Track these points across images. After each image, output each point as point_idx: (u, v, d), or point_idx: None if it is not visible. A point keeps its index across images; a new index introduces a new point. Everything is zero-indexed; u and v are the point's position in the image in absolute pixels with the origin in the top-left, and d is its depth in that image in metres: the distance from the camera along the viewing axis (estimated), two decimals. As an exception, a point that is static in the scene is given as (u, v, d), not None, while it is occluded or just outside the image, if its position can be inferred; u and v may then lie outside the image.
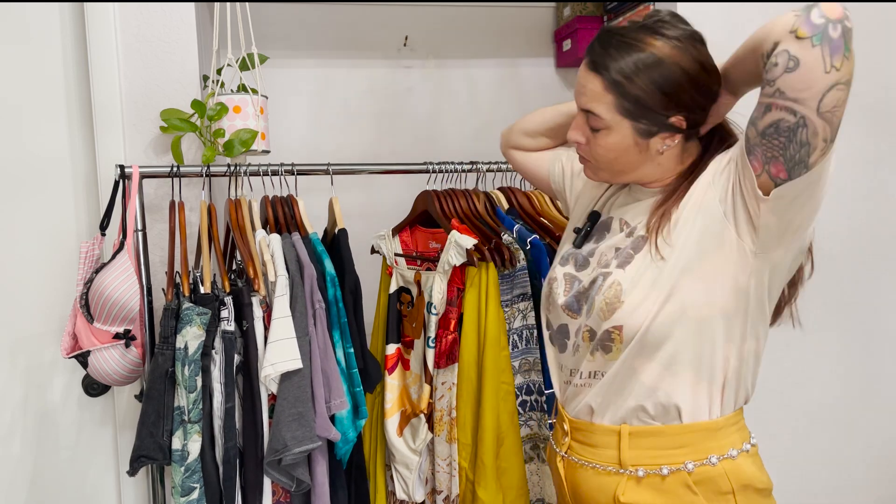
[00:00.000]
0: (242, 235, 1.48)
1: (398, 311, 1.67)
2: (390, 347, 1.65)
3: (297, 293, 1.38)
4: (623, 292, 1.06)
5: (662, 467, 1.07)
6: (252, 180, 1.61)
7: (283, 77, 2.10)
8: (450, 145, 2.24)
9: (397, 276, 1.68)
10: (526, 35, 2.31)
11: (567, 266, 1.20)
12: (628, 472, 1.09)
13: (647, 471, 1.08)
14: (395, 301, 1.68)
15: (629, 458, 1.09)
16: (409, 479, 1.57)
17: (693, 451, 1.07)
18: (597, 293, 1.10)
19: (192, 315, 1.33)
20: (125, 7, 1.67)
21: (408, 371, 1.64)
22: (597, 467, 1.13)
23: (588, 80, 1.07)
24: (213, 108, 1.57)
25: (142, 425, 1.34)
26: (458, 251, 1.51)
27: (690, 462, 1.06)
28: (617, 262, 1.10)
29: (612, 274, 1.09)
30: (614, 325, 1.07)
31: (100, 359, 1.43)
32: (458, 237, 1.52)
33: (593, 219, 1.23)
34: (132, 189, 1.49)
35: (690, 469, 1.06)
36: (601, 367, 1.12)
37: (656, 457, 1.08)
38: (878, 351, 2.01)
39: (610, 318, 1.07)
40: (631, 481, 1.09)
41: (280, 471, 1.34)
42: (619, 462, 1.10)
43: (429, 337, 1.55)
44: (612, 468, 1.10)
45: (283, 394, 1.32)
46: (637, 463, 1.09)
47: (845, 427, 1.99)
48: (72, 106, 1.75)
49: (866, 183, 1.96)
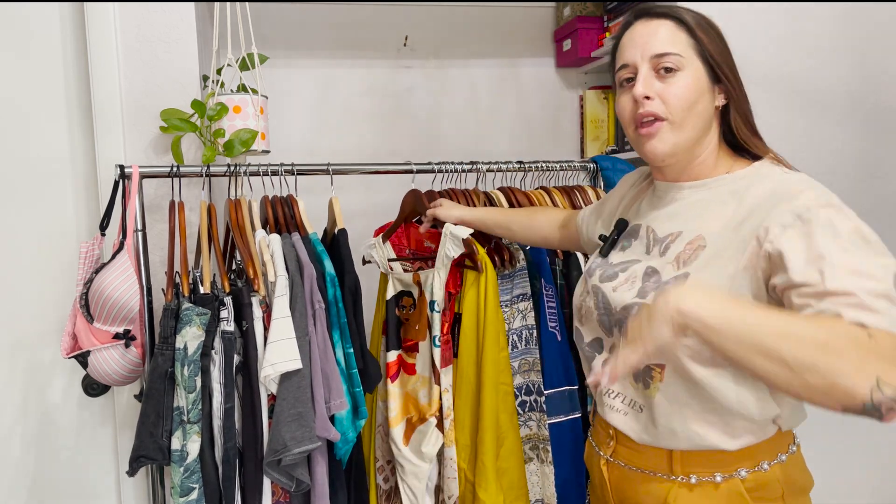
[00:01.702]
0: (242, 235, 1.47)
1: (397, 317, 1.64)
2: (391, 354, 1.62)
3: (297, 293, 1.38)
4: None
5: (716, 475, 1.04)
6: (252, 180, 1.61)
7: (283, 77, 2.10)
8: (450, 145, 2.24)
9: (394, 282, 1.65)
10: (526, 35, 2.31)
11: (593, 278, 1.17)
12: (680, 479, 1.06)
13: (700, 478, 1.05)
14: (394, 306, 1.64)
15: (681, 470, 1.06)
16: (417, 490, 1.52)
17: (746, 460, 1.05)
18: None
19: (192, 315, 1.33)
20: (125, 7, 1.67)
21: (412, 376, 1.59)
22: (646, 473, 1.09)
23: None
24: (213, 108, 1.57)
25: (141, 425, 1.34)
26: (454, 242, 1.49)
27: (744, 469, 1.04)
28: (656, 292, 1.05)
29: None
30: (657, 361, 1.04)
31: (100, 359, 1.43)
32: (452, 229, 1.50)
33: (620, 227, 1.20)
34: (132, 189, 1.49)
35: (744, 476, 1.04)
36: (642, 399, 1.09)
37: (711, 467, 1.05)
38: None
39: None
40: (683, 488, 1.06)
41: (280, 471, 1.34)
42: (671, 470, 1.07)
43: (434, 336, 1.53)
44: (663, 475, 1.08)
45: (282, 394, 1.32)
46: (689, 471, 1.06)
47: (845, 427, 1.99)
48: (72, 106, 1.75)
49: (865, 183, 1.96)
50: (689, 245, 1.05)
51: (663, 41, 1.06)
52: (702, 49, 1.06)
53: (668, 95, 1.05)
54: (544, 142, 2.32)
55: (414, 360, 1.59)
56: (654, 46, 1.06)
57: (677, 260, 1.05)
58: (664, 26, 1.07)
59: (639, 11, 1.10)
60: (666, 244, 1.09)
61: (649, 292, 1.05)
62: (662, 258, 1.08)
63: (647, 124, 1.06)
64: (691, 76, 1.05)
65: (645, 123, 1.06)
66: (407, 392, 1.60)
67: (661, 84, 1.05)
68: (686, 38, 1.06)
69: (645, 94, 1.05)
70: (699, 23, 1.07)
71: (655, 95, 1.05)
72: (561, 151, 2.34)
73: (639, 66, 1.07)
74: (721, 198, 1.06)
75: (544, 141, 2.32)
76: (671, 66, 1.05)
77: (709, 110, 1.08)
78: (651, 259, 1.10)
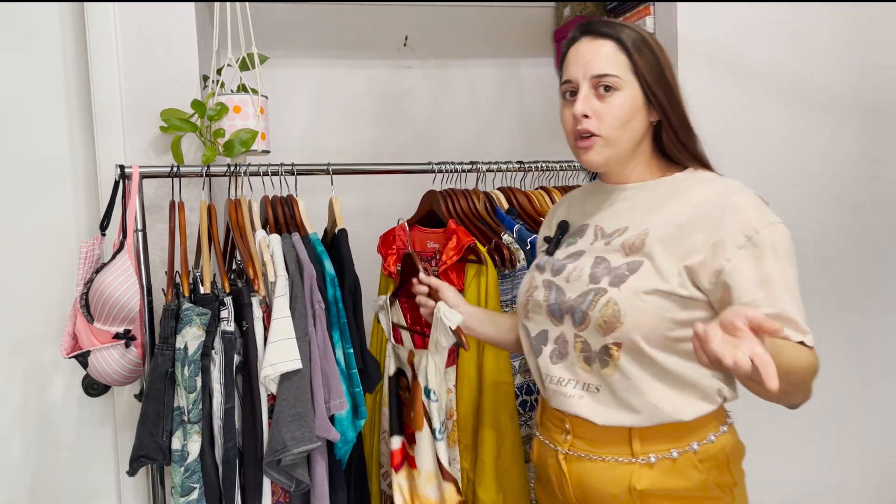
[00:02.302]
0: (242, 235, 1.47)
1: (398, 398, 1.49)
2: (395, 441, 1.46)
3: (297, 293, 1.38)
4: (622, 313, 1.11)
5: (672, 451, 1.14)
6: (252, 180, 1.61)
7: (283, 77, 2.10)
8: (450, 145, 2.24)
9: (393, 357, 1.51)
10: (526, 35, 2.31)
11: (545, 273, 1.25)
12: (640, 460, 1.14)
13: (658, 456, 1.14)
14: (396, 385, 1.50)
15: (640, 449, 1.14)
16: None
17: (697, 433, 1.15)
18: (590, 308, 1.14)
19: (192, 315, 1.33)
20: (125, 7, 1.67)
21: (415, 470, 1.40)
22: (607, 460, 1.16)
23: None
24: (213, 108, 1.57)
25: (141, 425, 1.34)
26: (445, 333, 1.33)
27: (695, 442, 1.14)
28: (610, 280, 1.14)
29: (607, 292, 1.13)
30: (613, 341, 1.13)
31: (100, 359, 1.43)
32: (445, 311, 1.33)
33: (563, 227, 1.30)
34: (132, 189, 1.49)
35: (696, 449, 1.14)
36: (598, 380, 1.17)
37: (667, 443, 1.14)
38: (878, 351, 2.01)
39: (609, 334, 1.12)
40: (644, 468, 1.14)
41: (279, 471, 1.34)
42: (631, 452, 1.15)
43: (434, 428, 1.37)
44: (624, 458, 1.15)
45: (282, 394, 1.32)
46: (648, 451, 1.14)
47: (845, 428, 1.99)
48: (72, 106, 1.75)
49: (866, 183, 1.96)
50: (638, 237, 1.15)
51: (604, 62, 1.15)
52: (637, 70, 1.15)
53: (604, 115, 1.15)
54: (544, 142, 2.31)
55: (413, 450, 1.41)
56: (596, 67, 1.15)
57: (623, 247, 1.16)
58: (606, 47, 1.16)
59: (584, 28, 1.19)
60: (614, 237, 1.19)
61: (601, 277, 1.15)
62: (609, 246, 1.18)
63: (585, 139, 1.17)
64: (627, 96, 1.15)
65: (583, 138, 1.17)
66: (413, 486, 1.41)
67: (600, 103, 1.15)
68: (625, 59, 1.15)
69: (583, 113, 1.15)
70: (637, 45, 1.16)
71: (593, 114, 1.15)
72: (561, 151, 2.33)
73: (580, 83, 1.17)
74: (663, 196, 1.18)
75: (544, 141, 2.31)
76: (610, 86, 1.15)
77: (642, 126, 1.18)
78: (597, 250, 1.20)
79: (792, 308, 1.06)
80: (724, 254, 1.08)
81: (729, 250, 1.08)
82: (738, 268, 1.07)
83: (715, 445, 1.16)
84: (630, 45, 1.15)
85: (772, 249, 1.07)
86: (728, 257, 1.07)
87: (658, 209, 1.17)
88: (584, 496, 1.19)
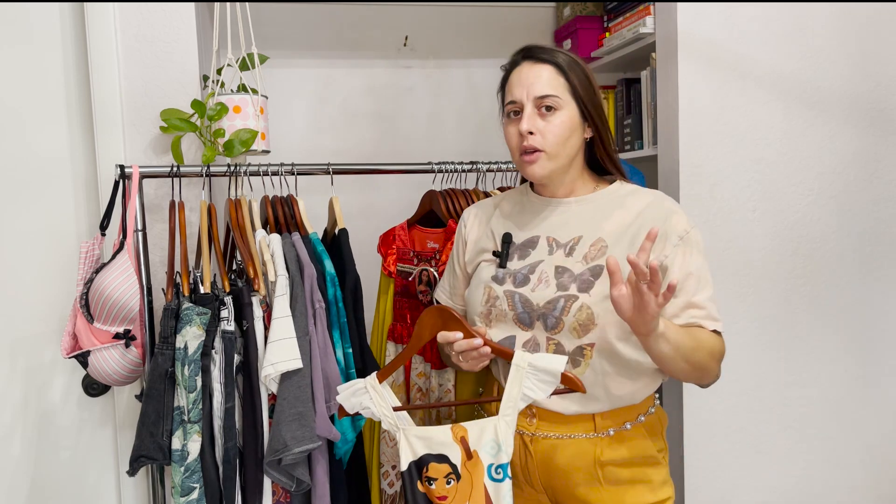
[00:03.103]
0: (242, 235, 1.47)
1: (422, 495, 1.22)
2: None
3: (297, 293, 1.38)
4: (595, 315, 1.24)
5: (626, 424, 1.31)
6: (252, 180, 1.61)
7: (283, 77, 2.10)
8: (450, 145, 2.24)
9: (410, 444, 1.23)
10: (526, 35, 2.31)
11: (506, 284, 1.33)
12: (602, 434, 1.30)
13: (616, 429, 1.30)
14: (414, 478, 1.23)
15: (602, 424, 1.30)
16: None
17: (642, 407, 1.34)
18: (563, 314, 1.26)
19: (192, 315, 1.33)
20: (125, 7, 1.67)
21: None
22: (573, 437, 1.30)
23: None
24: (213, 108, 1.57)
25: (142, 425, 1.34)
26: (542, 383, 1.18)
27: (642, 416, 1.33)
28: (577, 286, 1.27)
29: (578, 298, 1.26)
30: (588, 342, 1.26)
31: (100, 359, 1.43)
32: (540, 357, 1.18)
33: (507, 239, 1.38)
34: (132, 189, 1.49)
35: (643, 420, 1.33)
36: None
37: (623, 417, 1.31)
38: (877, 351, 2.01)
39: (584, 336, 1.25)
40: (605, 440, 1.30)
41: (280, 471, 1.34)
42: (595, 429, 1.30)
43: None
44: (589, 434, 1.30)
45: (283, 394, 1.32)
46: (608, 426, 1.30)
47: (845, 428, 1.99)
48: (72, 106, 1.75)
49: (866, 183, 1.96)
50: (593, 245, 1.30)
51: (545, 84, 1.28)
52: (574, 91, 1.29)
53: (547, 132, 1.28)
54: (544, 142, 2.31)
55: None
56: (538, 89, 1.28)
57: (585, 258, 1.29)
58: (546, 70, 1.29)
59: (525, 53, 1.33)
60: (570, 246, 1.32)
61: (569, 285, 1.28)
62: (570, 258, 1.31)
63: (530, 154, 1.29)
64: (567, 115, 1.29)
65: (527, 153, 1.29)
66: None
67: (542, 122, 1.28)
68: (564, 81, 1.29)
69: (529, 130, 1.27)
70: (572, 67, 1.31)
71: (537, 131, 1.28)
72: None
73: (524, 104, 1.29)
74: (606, 207, 1.33)
75: (544, 141, 2.31)
76: (551, 106, 1.28)
77: (579, 141, 1.32)
78: (556, 259, 1.31)
79: (707, 298, 1.28)
80: (664, 251, 1.27)
81: (668, 248, 1.27)
82: (672, 262, 1.26)
83: (654, 416, 1.36)
84: (567, 68, 1.29)
85: (696, 247, 1.29)
86: (666, 253, 1.27)
87: (605, 218, 1.32)
88: (549, 473, 1.31)
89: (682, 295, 1.26)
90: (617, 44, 2.13)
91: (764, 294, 1.90)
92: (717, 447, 1.88)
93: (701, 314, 1.27)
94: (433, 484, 1.20)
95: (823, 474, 2.00)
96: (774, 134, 1.89)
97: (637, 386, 1.30)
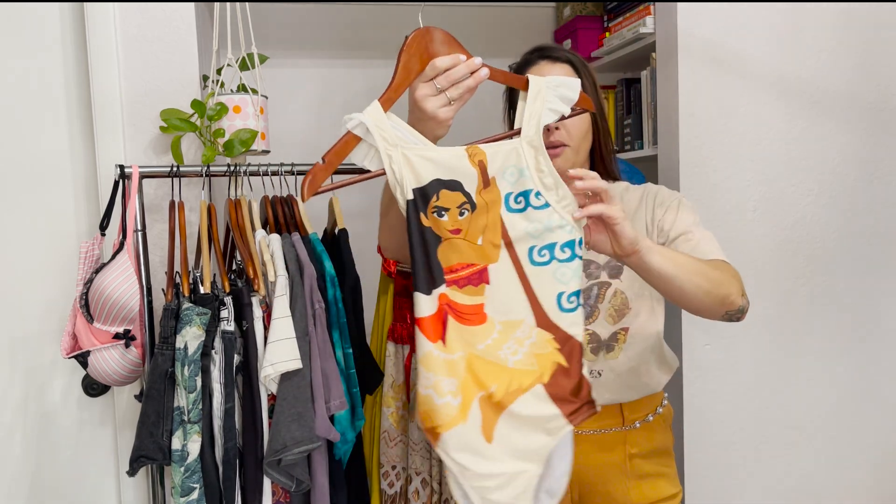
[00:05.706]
0: (242, 235, 1.47)
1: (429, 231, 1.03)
2: (423, 301, 1.03)
3: (297, 293, 1.38)
4: (629, 300, 1.30)
5: (649, 416, 1.39)
6: (252, 180, 1.61)
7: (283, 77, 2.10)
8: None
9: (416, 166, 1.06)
10: (526, 35, 2.31)
11: None
12: (629, 427, 1.36)
13: (641, 421, 1.38)
14: (419, 210, 1.04)
15: (630, 417, 1.37)
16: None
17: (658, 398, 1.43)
18: (598, 301, 1.31)
19: (192, 315, 1.33)
20: (125, 7, 1.67)
21: (477, 326, 1.03)
22: (602, 432, 1.36)
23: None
24: (213, 108, 1.57)
25: (141, 425, 1.34)
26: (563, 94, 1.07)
27: (660, 407, 1.42)
28: (608, 273, 1.33)
29: (611, 284, 1.32)
30: (622, 327, 1.32)
31: (99, 359, 1.43)
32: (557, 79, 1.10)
33: None
34: (132, 189, 1.49)
35: (660, 412, 1.42)
36: (600, 366, 1.35)
37: (646, 409, 1.39)
38: (877, 351, 2.01)
39: (619, 321, 1.31)
40: (632, 432, 1.37)
41: (280, 471, 1.34)
42: (623, 422, 1.36)
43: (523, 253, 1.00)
44: (617, 428, 1.36)
45: (282, 394, 1.32)
46: (634, 418, 1.37)
47: (845, 427, 1.99)
48: (72, 106, 1.75)
49: (866, 183, 1.96)
50: None
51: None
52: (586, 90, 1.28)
53: (571, 127, 1.34)
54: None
55: (476, 298, 1.02)
56: None
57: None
58: (565, 69, 1.35)
59: (541, 52, 1.37)
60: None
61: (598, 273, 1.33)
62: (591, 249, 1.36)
63: (555, 148, 1.34)
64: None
65: (553, 147, 1.33)
66: (472, 356, 1.04)
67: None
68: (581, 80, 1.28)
69: (555, 126, 1.32)
70: (583, 66, 1.36)
71: (562, 126, 1.33)
72: (561, 151, 2.34)
73: None
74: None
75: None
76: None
77: (591, 138, 1.38)
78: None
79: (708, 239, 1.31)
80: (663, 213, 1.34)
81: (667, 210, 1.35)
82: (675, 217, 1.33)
83: (667, 408, 1.45)
84: (580, 67, 1.35)
85: (693, 210, 1.36)
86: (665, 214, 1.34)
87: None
88: (581, 472, 1.33)
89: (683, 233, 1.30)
90: (617, 44, 2.13)
91: (764, 294, 1.90)
92: (717, 447, 1.88)
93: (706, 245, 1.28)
94: (445, 215, 1.03)
95: (823, 474, 2.00)
96: (775, 134, 1.89)
97: (660, 371, 1.38)
